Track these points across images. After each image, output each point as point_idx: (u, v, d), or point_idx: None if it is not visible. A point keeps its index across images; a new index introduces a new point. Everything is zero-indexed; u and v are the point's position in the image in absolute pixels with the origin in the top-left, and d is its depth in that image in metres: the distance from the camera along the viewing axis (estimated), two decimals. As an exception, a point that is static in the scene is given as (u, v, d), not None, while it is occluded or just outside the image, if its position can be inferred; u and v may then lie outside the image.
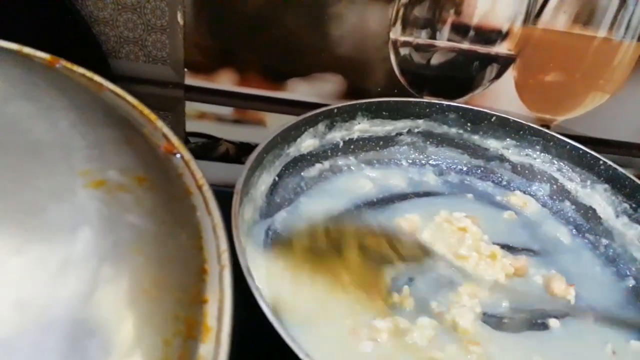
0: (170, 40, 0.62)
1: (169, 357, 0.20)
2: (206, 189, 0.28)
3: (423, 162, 0.64)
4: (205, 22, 0.60)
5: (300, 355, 0.32)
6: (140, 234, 0.22)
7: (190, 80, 0.64)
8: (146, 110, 0.33)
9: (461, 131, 0.63)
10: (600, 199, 0.57)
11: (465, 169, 0.64)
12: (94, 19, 0.60)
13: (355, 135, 0.61)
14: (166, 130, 0.32)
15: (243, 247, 0.38)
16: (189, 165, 0.29)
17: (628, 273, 0.53)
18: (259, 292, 0.34)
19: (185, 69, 0.63)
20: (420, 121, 0.63)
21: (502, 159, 0.63)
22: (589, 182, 0.58)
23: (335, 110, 0.57)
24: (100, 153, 0.26)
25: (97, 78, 0.35)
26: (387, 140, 0.63)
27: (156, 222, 0.24)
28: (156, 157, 0.29)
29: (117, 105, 0.33)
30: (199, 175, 0.29)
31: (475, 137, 0.63)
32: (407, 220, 0.53)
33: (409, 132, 0.63)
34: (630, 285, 0.52)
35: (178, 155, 0.30)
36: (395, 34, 0.61)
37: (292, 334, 0.33)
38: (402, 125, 0.63)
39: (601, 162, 0.57)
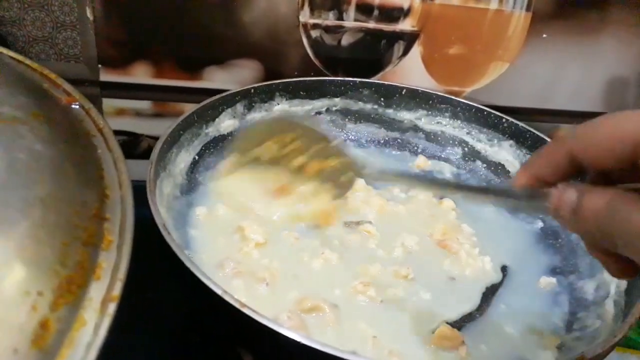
0: (81, 37, 0.62)
1: (68, 258, 0.20)
2: (107, 130, 0.29)
3: (344, 138, 0.67)
4: (115, 16, 0.61)
5: (218, 291, 0.33)
6: (35, 156, 0.23)
7: (106, 76, 0.64)
8: (46, 71, 0.33)
9: (376, 106, 0.66)
10: (507, 154, 0.62)
11: (382, 141, 0.67)
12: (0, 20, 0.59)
13: (275, 116, 0.62)
14: (67, 86, 0.32)
15: (157, 208, 0.38)
16: (89, 113, 0.30)
17: (537, 217, 0.57)
18: (175, 244, 0.35)
19: (100, 65, 0.63)
20: (337, 99, 0.65)
21: (415, 129, 0.66)
22: (495, 141, 0.63)
23: (252, 91, 0.59)
24: (-6, 96, 0.26)
25: (-7, 46, 0.35)
26: (308, 119, 0.65)
27: (53, 149, 0.24)
28: (56, 105, 0.29)
29: (17, 69, 0.33)
30: (99, 120, 0.29)
31: (390, 111, 0.67)
32: None
33: (328, 110, 0.66)
34: (539, 227, 0.56)
35: (78, 105, 0.30)
36: (305, 17, 0.64)
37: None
38: (320, 104, 0.65)
39: (504, 120, 0.62)
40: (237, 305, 0.33)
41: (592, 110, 0.75)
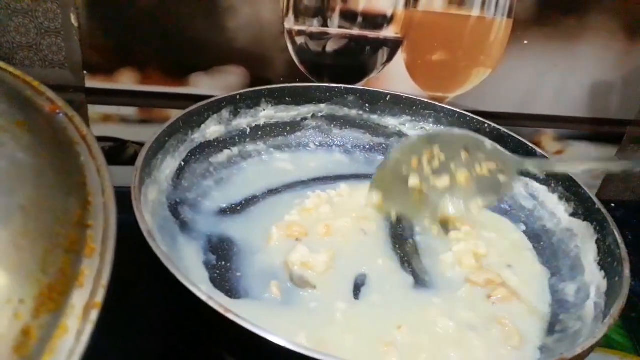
0: (66, 43, 0.62)
1: (49, 265, 0.20)
2: (90, 138, 0.29)
3: (330, 143, 0.67)
4: (100, 22, 0.61)
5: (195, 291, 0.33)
6: (17, 164, 0.23)
7: (91, 82, 0.64)
8: (29, 78, 0.33)
9: (361, 112, 0.67)
10: (489, 158, 0.62)
11: (368, 146, 0.67)
12: (-18, 25, 0.59)
13: (261, 122, 0.63)
14: (50, 94, 0.32)
15: (142, 215, 0.38)
16: (73, 120, 0.30)
17: (519, 220, 0.58)
18: (161, 252, 0.35)
19: (85, 72, 0.63)
20: (323, 105, 0.66)
21: (400, 134, 0.67)
22: (478, 145, 0.63)
23: (238, 97, 0.59)
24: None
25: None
26: (294, 126, 0.65)
27: (35, 157, 0.24)
28: (39, 113, 0.29)
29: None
30: (83, 127, 0.30)
31: (374, 117, 0.67)
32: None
33: (314, 116, 0.66)
34: (522, 230, 0.57)
35: (61, 114, 0.31)
36: (289, 23, 0.64)
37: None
38: (306, 110, 0.65)
39: (486, 125, 0.62)
40: (221, 311, 0.33)
41: (573, 115, 0.76)
